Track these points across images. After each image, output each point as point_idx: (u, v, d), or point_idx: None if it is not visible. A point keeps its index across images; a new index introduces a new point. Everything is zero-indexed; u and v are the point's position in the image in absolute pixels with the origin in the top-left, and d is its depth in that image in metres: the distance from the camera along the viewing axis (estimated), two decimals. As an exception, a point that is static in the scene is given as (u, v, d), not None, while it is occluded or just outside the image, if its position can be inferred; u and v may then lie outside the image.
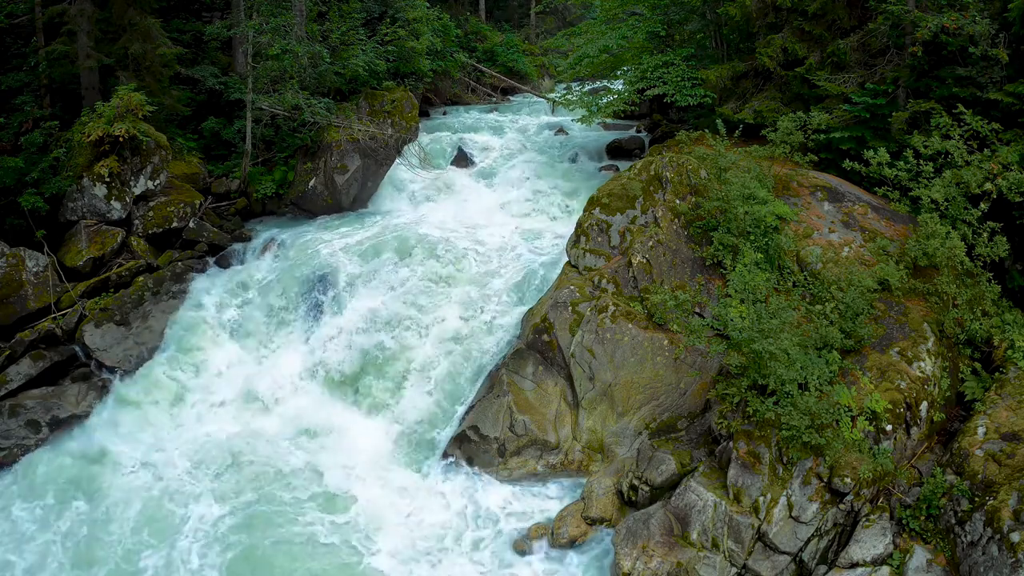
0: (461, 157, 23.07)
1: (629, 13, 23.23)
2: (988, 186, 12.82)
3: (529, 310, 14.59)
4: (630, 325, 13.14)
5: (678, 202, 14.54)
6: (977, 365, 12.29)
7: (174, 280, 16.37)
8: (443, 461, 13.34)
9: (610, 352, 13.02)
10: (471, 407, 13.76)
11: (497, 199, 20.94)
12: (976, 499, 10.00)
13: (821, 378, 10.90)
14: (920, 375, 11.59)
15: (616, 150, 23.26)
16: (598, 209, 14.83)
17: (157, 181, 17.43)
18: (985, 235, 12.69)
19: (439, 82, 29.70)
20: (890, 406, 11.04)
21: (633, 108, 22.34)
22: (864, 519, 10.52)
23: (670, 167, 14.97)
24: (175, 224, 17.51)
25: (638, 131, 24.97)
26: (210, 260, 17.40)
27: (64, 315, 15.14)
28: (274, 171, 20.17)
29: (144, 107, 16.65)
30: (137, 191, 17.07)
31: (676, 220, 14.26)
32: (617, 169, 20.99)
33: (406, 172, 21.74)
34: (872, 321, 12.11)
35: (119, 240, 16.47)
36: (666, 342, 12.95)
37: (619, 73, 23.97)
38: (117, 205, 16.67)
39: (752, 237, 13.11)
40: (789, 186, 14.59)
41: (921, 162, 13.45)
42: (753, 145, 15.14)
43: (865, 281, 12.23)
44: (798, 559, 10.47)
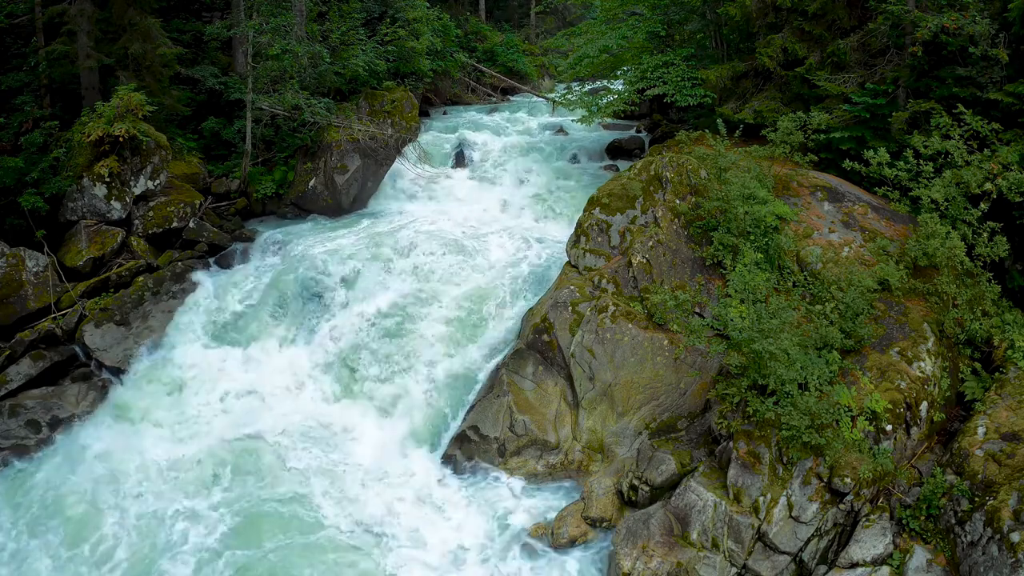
0: (461, 157, 23.08)
1: (629, 13, 23.23)
2: (988, 186, 12.82)
3: (529, 310, 14.59)
4: (630, 325, 13.14)
5: (678, 202, 14.54)
6: (977, 365, 12.29)
7: (174, 280, 16.38)
8: (443, 461, 13.34)
9: (610, 352, 13.02)
10: (471, 407, 13.76)
11: (497, 199, 20.95)
12: (976, 499, 10.00)
13: (821, 378, 10.90)
14: (920, 375, 11.59)
15: (616, 150, 23.26)
16: (598, 209, 14.83)
17: (157, 181, 17.44)
18: (985, 235, 12.69)
19: (439, 82, 29.70)
20: (890, 406, 11.04)
21: (633, 108, 22.34)
22: (864, 519, 10.52)
23: (670, 167, 14.97)
24: (175, 224, 17.52)
25: (638, 131, 24.97)
26: (210, 260, 17.42)
27: (64, 315, 15.14)
28: (274, 171, 20.19)
29: (144, 107, 16.66)
30: (137, 191, 17.08)
31: (676, 220, 14.26)
32: (617, 169, 20.99)
33: (406, 172, 21.75)
34: (872, 321, 12.11)
35: (119, 240, 16.48)
36: (666, 342, 12.95)
37: (619, 73, 23.96)
38: (117, 205, 16.68)
39: (752, 237, 13.11)
40: (789, 186, 14.59)
41: (921, 162, 13.45)
42: (753, 145, 15.15)
43: (865, 281, 12.23)
44: (798, 559, 10.47)
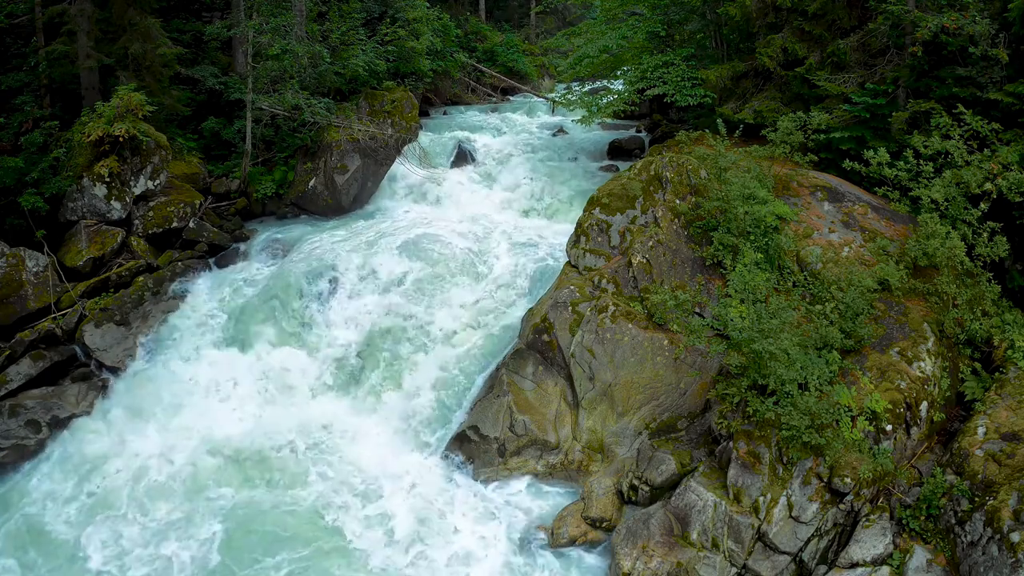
0: (461, 157, 23.08)
1: (629, 13, 23.26)
2: (988, 186, 12.82)
3: (529, 310, 14.59)
4: (630, 325, 13.14)
5: (678, 202, 14.54)
6: (977, 365, 12.29)
7: (174, 280, 16.38)
8: (443, 461, 13.34)
9: (610, 352, 13.02)
10: (471, 407, 13.76)
11: (497, 199, 20.96)
12: (976, 499, 10.00)
13: (821, 378, 10.90)
14: (920, 375, 11.59)
15: (616, 150, 23.27)
16: (598, 209, 14.83)
17: (157, 181, 17.44)
18: (985, 235, 12.69)
19: (439, 82, 29.71)
20: (890, 406, 11.04)
21: (633, 108, 22.36)
22: (864, 519, 10.52)
23: (670, 167, 14.97)
24: (175, 224, 17.52)
25: (638, 131, 24.99)
26: (210, 260, 17.41)
27: (64, 315, 15.14)
28: (274, 171, 20.20)
29: (144, 107, 16.66)
30: (137, 191, 17.08)
31: (676, 220, 14.26)
32: (617, 169, 21.00)
33: (406, 172, 21.76)
34: (872, 321, 12.11)
35: (119, 240, 16.48)
36: (666, 342, 12.95)
37: (619, 73, 23.98)
38: (117, 205, 16.68)
39: (752, 237, 13.11)
40: (789, 186, 14.59)
41: (921, 162, 13.45)
42: (753, 145, 15.14)
43: (865, 281, 12.23)
44: (798, 559, 10.47)
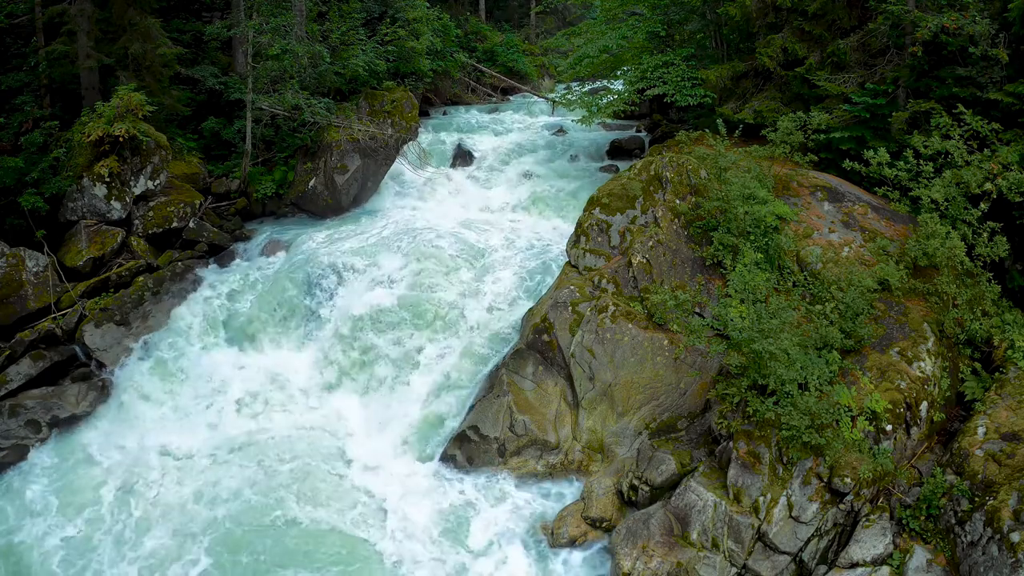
0: (461, 157, 23.09)
1: (629, 13, 23.25)
2: (988, 186, 12.82)
3: (529, 310, 14.59)
4: (630, 325, 13.14)
5: (678, 202, 14.54)
6: (977, 365, 12.29)
7: (174, 280, 16.38)
8: (443, 461, 13.34)
9: (610, 352, 13.02)
10: (471, 407, 13.76)
11: (497, 199, 20.97)
12: (976, 499, 10.00)
13: (821, 378, 10.90)
14: (920, 375, 11.59)
15: (616, 150, 23.27)
16: (598, 209, 14.83)
17: (157, 181, 17.44)
18: (985, 235, 12.69)
19: (439, 82, 29.71)
20: (890, 406, 11.04)
21: (633, 108, 22.36)
22: (864, 519, 10.52)
23: (670, 167, 14.97)
24: (175, 224, 17.52)
25: (638, 131, 24.98)
26: (210, 260, 17.41)
27: (64, 315, 15.14)
28: (274, 171, 20.19)
29: (144, 107, 16.67)
30: (137, 191, 17.08)
31: (676, 220, 14.26)
32: (617, 169, 20.99)
33: (406, 172, 21.76)
34: (872, 321, 12.11)
35: (119, 240, 16.48)
36: (666, 342, 12.95)
37: (619, 73, 23.97)
38: (117, 205, 16.68)
39: (752, 237, 13.11)
40: (789, 186, 14.59)
41: (921, 162, 13.45)
42: (753, 145, 15.14)
43: (865, 281, 12.23)
44: (798, 559, 10.47)
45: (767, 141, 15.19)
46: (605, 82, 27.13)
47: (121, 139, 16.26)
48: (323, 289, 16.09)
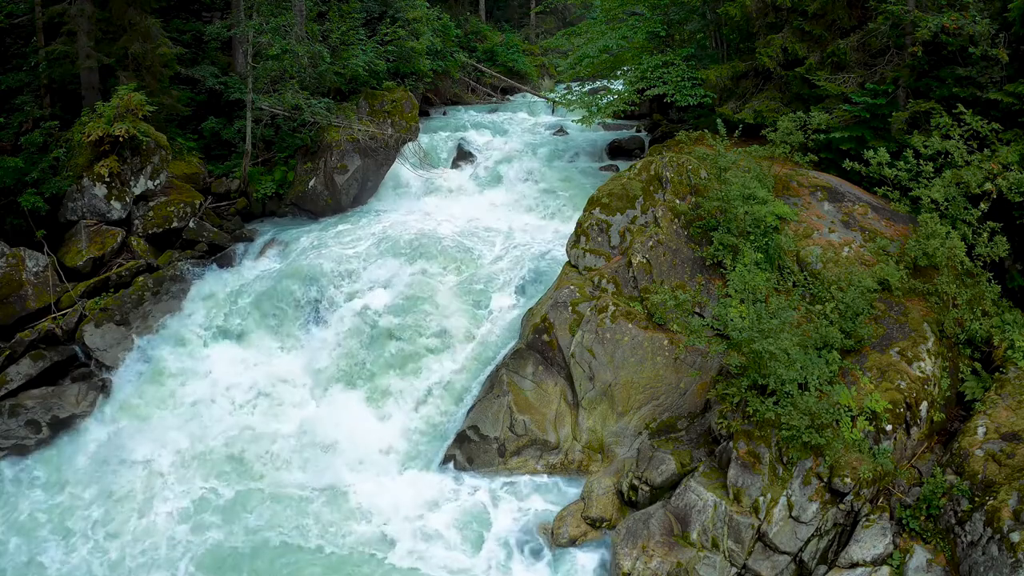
0: (461, 157, 23.08)
1: (629, 13, 23.24)
2: (988, 186, 12.82)
3: (529, 310, 14.59)
4: (630, 325, 13.14)
5: (678, 202, 14.54)
6: (977, 365, 12.29)
7: (174, 280, 16.37)
8: (443, 461, 13.33)
9: (610, 352, 13.02)
10: (471, 407, 13.76)
11: (497, 199, 20.96)
12: (976, 499, 10.00)
13: (821, 378, 10.90)
14: (920, 375, 11.59)
15: (616, 150, 23.27)
16: (598, 209, 14.83)
17: (157, 181, 17.44)
18: (985, 235, 12.70)
19: (439, 82, 29.70)
20: (890, 406, 11.04)
21: (633, 108, 22.36)
22: (864, 519, 10.52)
23: (670, 167, 14.97)
24: (175, 224, 17.52)
25: (638, 131, 24.98)
26: (210, 260, 17.39)
27: (64, 315, 15.14)
28: (274, 171, 20.19)
29: (144, 107, 16.67)
30: (137, 191, 17.09)
31: (676, 220, 14.26)
32: (617, 169, 20.99)
33: (406, 172, 21.75)
34: (872, 321, 12.11)
35: (119, 240, 16.48)
36: (666, 342, 12.95)
37: (619, 73, 23.98)
38: (117, 205, 16.68)
39: (752, 237, 13.11)
40: (789, 186, 14.59)
41: (921, 162, 13.45)
42: (753, 145, 15.14)
43: (865, 281, 12.23)
44: (798, 559, 10.47)
45: (767, 141, 15.19)
46: (605, 82, 27.14)
47: (121, 139, 16.26)
48: (322, 290, 16.09)
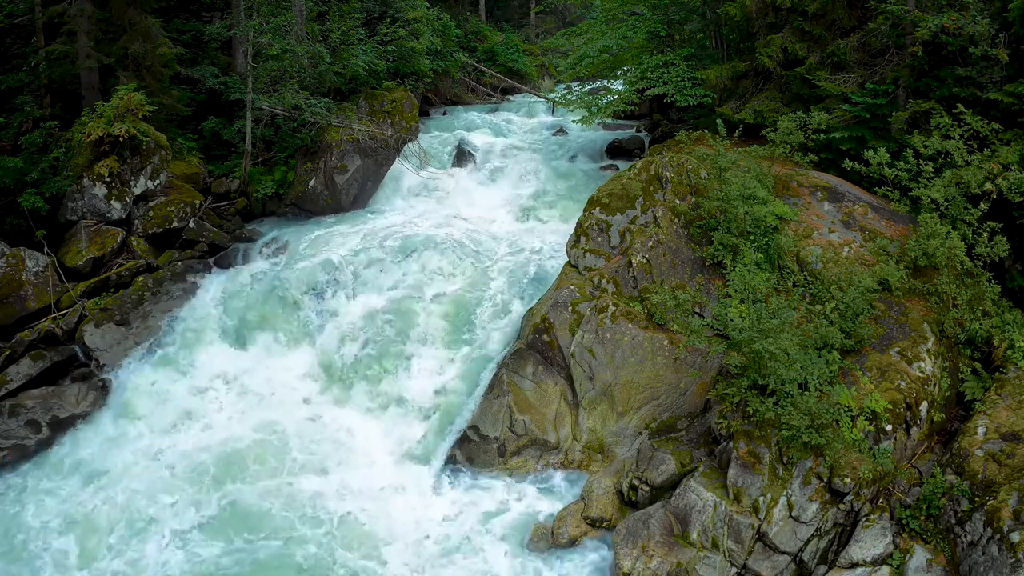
0: (461, 157, 23.07)
1: (629, 13, 23.24)
2: (988, 186, 12.82)
3: (529, 310, 14.59)
4: (630, 325, 13.14)
5: (678, 202, 14.54)
6: (977, 365, 12.29)
7: (174, 280, 16.37)
8: (445, 462, 13.33)
9: (610, 352, 13.02)
10: (472, 408, 13.74)
11: (497, 199, 20.95)
12: (976, 499, 10.00)
13: (821, 378, 10.91)
14: (920, 375, 11.59)
15: (616, 150, 23.26)
16: (598, 209, 14.83)
17: (157, 181, 17.45)
18: (985, 235, 12.70)
19: (439, 82, 29.68)
20: (890, 406, 11.05)
21: (633, 108, 22.34)
22: (864, 519, 10.53)
23: (670, 167, 14.97)
24: (175, 224, 17.53)
25: (638, 131, 24.97)
26: (210, 260, 17.39)
27: (64, 315, 15.14)
28: (274, 171, 20.19)
29: (144, 107, 16.67)
30: (137, 191, 17.09)
31: (676, 220, 14.26)
32: (617, 169, 20.99)
33: (406, 172, 21.75)
34: (872, 321, 12.11)
35: (119, 240, 16.48)
36: (666, 342, 12.96)
37: (619, 73, 23.96)
38: (117, 205, 16.68)
39: (752, 237, 13.12)
40: (789, 186, 14.59)
41: (921, 162, 13.46)
42: (753, 145, 15.14)
43: (865, 281, 12.24)
44: (798, 559, 10.47)
45: (767, 141, 15.19)
46: (605, 82, 27.11)
47: (121, 139, 16.27)
48: (322, 290, 16.09)
